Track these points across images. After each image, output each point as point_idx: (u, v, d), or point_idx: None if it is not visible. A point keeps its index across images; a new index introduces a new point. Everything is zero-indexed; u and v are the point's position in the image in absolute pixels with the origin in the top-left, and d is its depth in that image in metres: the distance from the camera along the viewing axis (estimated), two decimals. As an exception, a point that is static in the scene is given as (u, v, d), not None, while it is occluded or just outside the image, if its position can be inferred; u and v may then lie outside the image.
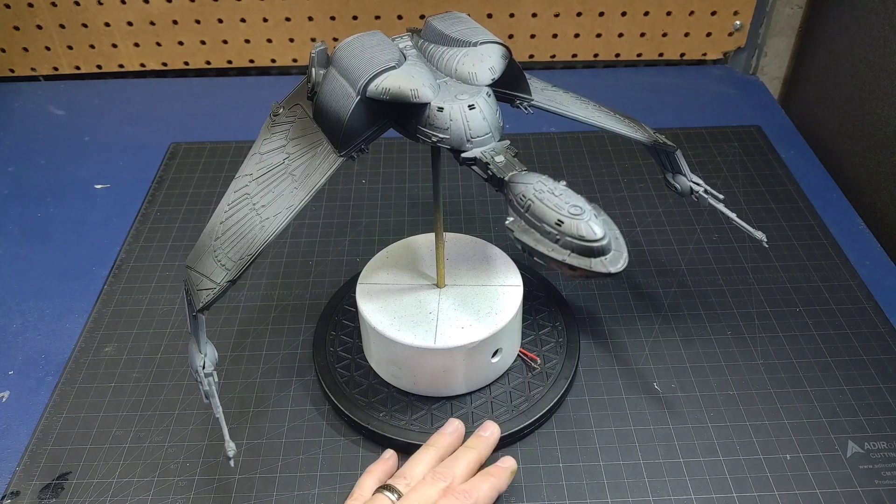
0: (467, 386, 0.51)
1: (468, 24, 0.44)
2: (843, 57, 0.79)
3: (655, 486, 0.47)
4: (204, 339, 0.43)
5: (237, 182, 0.44)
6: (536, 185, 0.36)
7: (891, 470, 0.48)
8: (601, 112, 0.50)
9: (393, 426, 0.50)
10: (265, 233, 0.41)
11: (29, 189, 0.74)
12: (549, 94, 0.47)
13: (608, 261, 0.35)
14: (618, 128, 0.48)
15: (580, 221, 0.34)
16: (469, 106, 0.39)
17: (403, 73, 0.40)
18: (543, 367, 0.53)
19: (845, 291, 0.61)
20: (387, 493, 0.43)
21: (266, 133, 0.45)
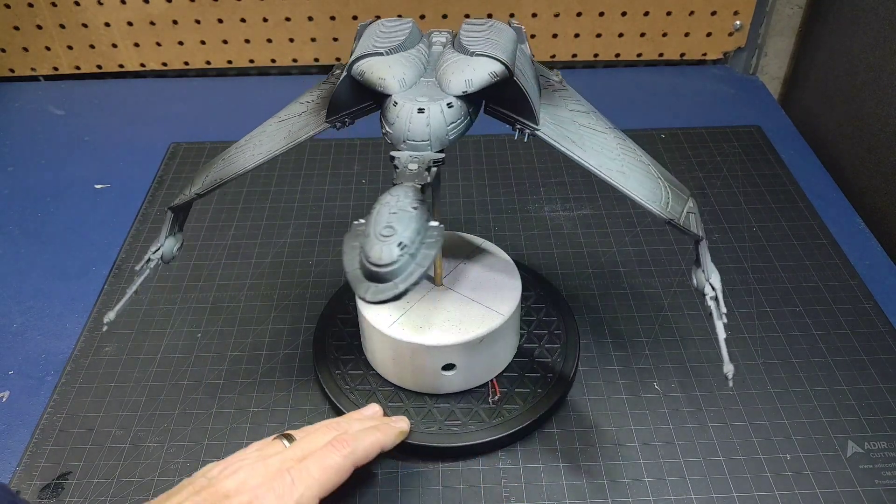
0: (416, 385, 0.51)
1: (496, 34, 0.42)
2: (843, 57, 0.79)
3: (655, 485, 0.47)
4: (165, 233, 0.49)
5: (269, 119, 0.47)
6: (391, 197, 0.36)
7: (891, 470, 0.48)
8: (629, 161, 0.43)
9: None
10: (242, 166, 0.45)
11: (29, 189, 0.74)
12: (570, 127, 0.42)
13: (375, 289, 0.33)
14: (634, 190, 0.41)
15: (378, 242, 0.33)
16: (419, 109, 0.38)
17: (384, 61, 0.40)
18: (500, 406, 0.51)
19: (845, 291, 0.61)
20: (283, 439, 0.46)
21: (313, 88, 0.48)
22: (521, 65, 0.41)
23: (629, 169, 0.42)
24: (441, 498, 0.47)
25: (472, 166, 0.75)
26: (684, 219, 0.42)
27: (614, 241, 0.66)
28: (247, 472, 0.42)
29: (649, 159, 0.44)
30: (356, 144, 0.79)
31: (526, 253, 0.65)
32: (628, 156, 0.43)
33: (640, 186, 0.41)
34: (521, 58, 0.43)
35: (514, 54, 0.41)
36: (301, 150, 0.78)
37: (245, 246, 0.67)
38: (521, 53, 0.43)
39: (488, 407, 0.51)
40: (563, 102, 0.44)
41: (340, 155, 0.78)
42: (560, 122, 0.42)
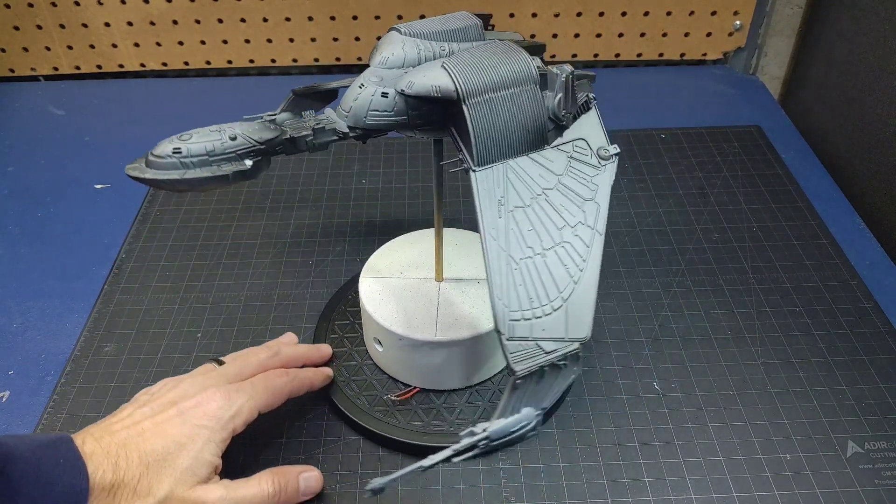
0: (464, 380, 0.52)
1: (501, 58, 0.39)
2: (843, 57, 0.79)
3: (655, 485, 0.47)
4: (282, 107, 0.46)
5: None
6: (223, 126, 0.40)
7: (891, 470, 0.48)
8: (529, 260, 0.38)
9: (393, 426, 0.50)
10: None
11: (29, 189, 0.74)
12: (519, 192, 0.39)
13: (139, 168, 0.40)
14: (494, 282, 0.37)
15: (166, 141, 0.40)
16: (360, 85, 0.41)
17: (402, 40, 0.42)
18: (393, 408, 0.51)
19: (845, 291, 0.61)
20: (213, 363, 0.49)
21: None
22: (503, 102, 0.39)
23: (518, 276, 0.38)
24: (441, 498, 0.47)
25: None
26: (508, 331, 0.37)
27: (614, 241, 0.66)
28: (188, 384, 0.45)
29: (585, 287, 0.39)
30: (356, 144, 0.79)
31: (526, 253, 0.65)
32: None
33: (501, 282, 0.37)
34: (522, 98, 0.39)
35: (494, 83, 0.38)
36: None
37: (245, 246, 0.67)
38: (528, 95, 0.39)
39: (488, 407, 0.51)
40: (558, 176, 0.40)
41: (340, 155, 0.78)
42: (514, 184, 0.40)
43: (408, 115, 0.41)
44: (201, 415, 0.43)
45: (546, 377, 0.38)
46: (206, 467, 0.43)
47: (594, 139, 0.42)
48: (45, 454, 0.37)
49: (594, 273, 0.39)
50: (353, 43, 0.89)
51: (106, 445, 0.40)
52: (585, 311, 0.38)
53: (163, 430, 0.42)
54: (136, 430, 0.42)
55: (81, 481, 0.38)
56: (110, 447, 0.40)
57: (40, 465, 0.37)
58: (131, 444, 0.41)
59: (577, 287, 0.38)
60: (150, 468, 0.41)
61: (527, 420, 0.37)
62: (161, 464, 0.41)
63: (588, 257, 0.39)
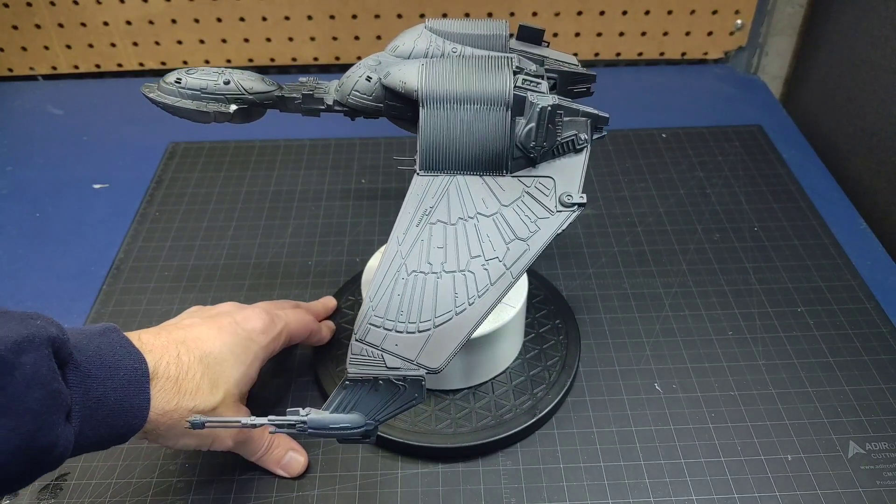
0: (462, 381, 0.51)
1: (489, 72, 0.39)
2: (845, 56, 0.79)
3: (656, 487, 0.47)
4: None
5: None
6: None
7: (892, 470, 0.48)
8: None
9: (393, 427, 0.49)
10: None
11: (27, 189, 0.74)
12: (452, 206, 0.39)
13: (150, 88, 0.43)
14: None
15: (176, 71, 0.43)
16: (355, 66, 0.43)
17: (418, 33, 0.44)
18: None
19: (847, 291, 0.60)
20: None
21: None
22: (464, 116, 0.38)
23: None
24: (441, 499, 0.47)
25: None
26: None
27: (614, 240, 0.66)
28: (230, 305, 0.47)
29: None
30: (356, 144, 0.79)
31: (526, 253, 0.65)
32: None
33: (373, 297, 0.37)
34: (486, 117, 0.38)
35: (460, 95, 0.38)
36: (301, 150, 0.78)
37: (245, 246, 0.66)
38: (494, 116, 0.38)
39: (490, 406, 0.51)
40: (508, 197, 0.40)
41: (340, 155, 0.77)
42: (450, 198, 0.39)
43: (384, 104, 0.42)
44: (251, 329, 0.45)
45: (381, 391, 0.37)
46: (249, 383, 0.44)
47: (564, 182, 0.40)
48: (102, 341, 0.38)
49: (480, 311, 0.37)
50: (352, 42, 0.89)
51: (164, 340, 0.41)
52: (449, 345, 0.37)
53: (219, 336, 0.43)
54: (193, 331, 0.43)
55: (142, 364, 0.38)
56: (168, 342, 0.41)
57: (100, 350, 0.37)
58: (191, 342, 0.42)
59: (456, 319, 0.37)
60: (209, 369, 0.41)
61: (352, 424, 0.37)
62: (218, 369, 0.42)
63: (484, 294, 0.37)
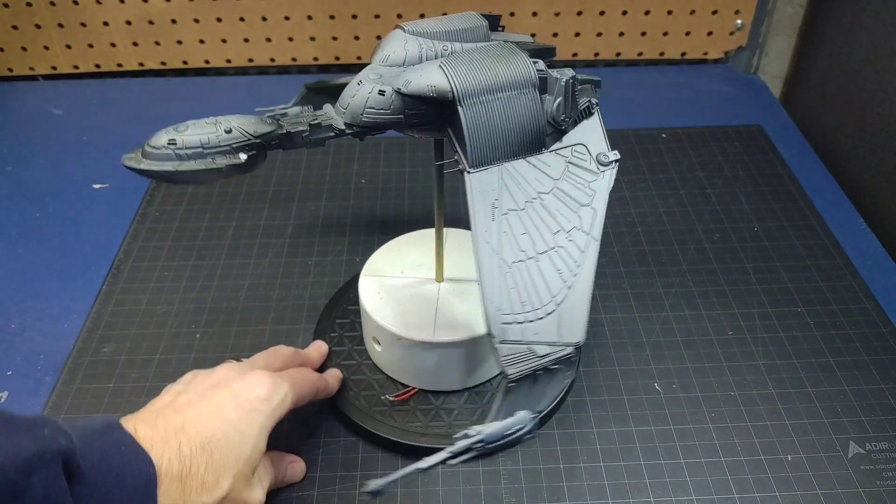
0: (463, 382, 0.51)
1: (501, 59, 0.39)
2: (845, 56, 0.79)
3: (656, 487, 0.47)
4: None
5: None
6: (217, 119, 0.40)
7: (892, 471, 0.48)
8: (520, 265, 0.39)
9: (393, 427, 0.49)
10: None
11: (27, 189, 0.74)
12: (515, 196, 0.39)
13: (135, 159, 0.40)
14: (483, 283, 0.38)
15: (162, 132, 0.40)
16: (358, 81, 0.40)
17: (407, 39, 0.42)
18: (392, 408, 0.51)
19: (847, 291, 0.60)
20: (230, 360, 0.47)
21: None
22: (500, 105, 0.38)
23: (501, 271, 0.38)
24: (441, 499, 0.47)
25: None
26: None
27: (614, 240, 0.66)
28: (225, 371, 0.43)
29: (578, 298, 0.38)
30: (356, 144, 0.79)
31: (526, 253, 0.65)
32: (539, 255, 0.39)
33: (492, 300, 0.37)
34: (520, 101, 0.39)
35: (491, 85, 0.38)
36: (300, 150, 0.78)
37: (245, 246, 0.66)
38: (525, 98, 0.39)
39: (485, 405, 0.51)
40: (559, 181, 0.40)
41: (340, 155, 0.77)
42: (509, 187, 0.39)
43: (404, 114, 0.40)
44: (254, 398, 0.41)
45: (539, 381, 0.37)
46: (259, 456, 0.41)
47: (594, 144, 0.42)
48: (104, 442, 0.34)
49: (588, 278, 0.38)
50: (352, 42, 0.89)
51: (163, 431, 0.37)
52: (579, 316, 0.38)
53: (219, 413, 0.39)
54: (191, 413, 0.39)
55: (149, 468, 0.35)
56: (168, 433, 0.37)
57: (105, 454, 0.34)
58: (190, 427, 0.38)
59: (571, 292, 0.38)
60: (213, 457, 0.38)
61: (521, 423, 0.37)
62: (223, 453, 0.38)
63: (582, 263, 0.39)
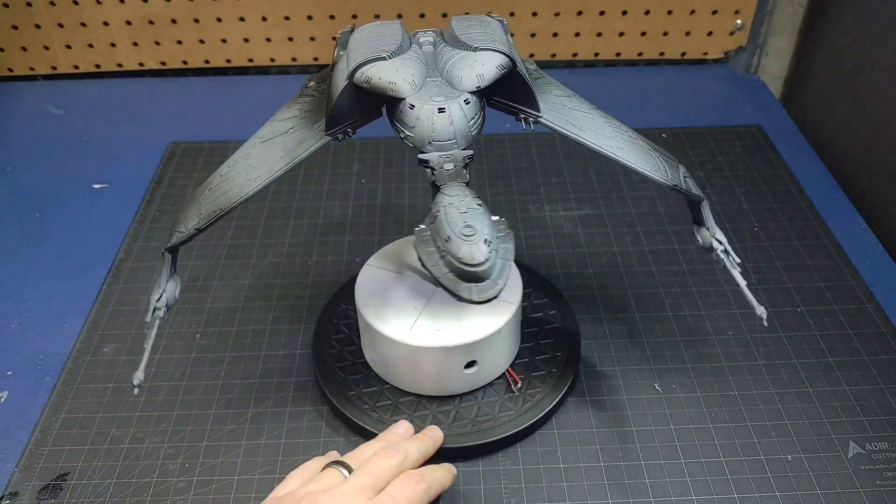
0: (437, 389, 0.51)
1: (488, 28, 0.43)
2: (845, 56, 0.79)
3: (656, 487, 0.47)
4: (166, 277, 0.45)
5: (248, 142, 0.45)
6: (451, 198, 0.36)
7: (892, 471, 0.48)
8: (622, 138, 0.44)
9: (392, 427, 0.49)
10: (241, 192, 0.42)
11: (27, 189, 0.74)
12: (563, 111, 0.43)
13: (478, 289, 0.34)
14: (636, 163, 0.43)
15: (465, 243, 0.34)
16: (439, 109, 0.38)
17: (390, 65, 0.39)
18: (524, 392, 0.51)
19: (847, 291, 0.60)
20: (338, 468, 0.42)
21: (290, 102, 0.46)
22: (516, 56, 0.41)
23: (625, 144, 0.43)
24: (441, 499, 0.47)
25: (472, 166, 0.75)
26: (684, 183, 0.44)
27: (614, 241, 0.66)
28: (327, 501, 0.39)
29: (635, 133, 0.45)
30: (356, 144, 0.79)
31: (526, 253, 0.65)
32: (619, 132, 0.44)
33: (640, 160, 0.43)
34: (513, 50, 0.42)
35: (510, 46, 0.41)
36: (300, 150, 0.78)
37: (245, 246, 0.66)
38: (511, 45, 0.43)
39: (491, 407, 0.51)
40: (548, 88, 0.45)
41: (340, 155, 0.77)
42: (554, 108, 0.43)
43: (483, 107, 0.41)
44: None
45: None
46: None
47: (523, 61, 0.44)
48: None
49: None
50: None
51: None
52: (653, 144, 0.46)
53: None
54: None
55: None
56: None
57: None
58: None
59: (636, 134, 0.45)
60: None
61: None
62: None
63: (615, 122, 0.45)
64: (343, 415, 0.51)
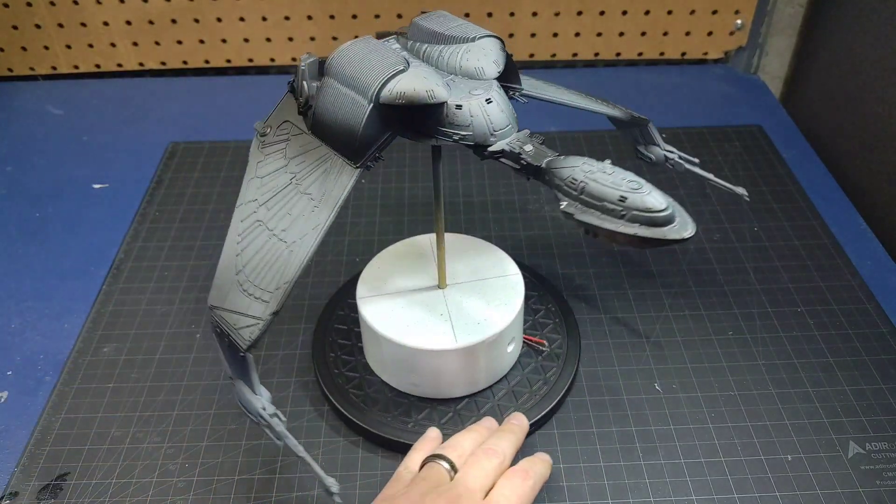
0: (436, 392, 0.51)
1: (456, 21, 0.44)
2: (845, 56, 0.79)
3: (656, 487, 0.47)
4: (257, 380, 0.40)
5: (241, 210, 0.41)
6: (583, 166, 0.36)
7: (892, 471, 0.48)
8: (582, 97, 0.51)
9: (393, 427, 0.49)
10: (297, 257, 0.39)
11: (27, 189, 0.74)
12: (533, 83, 0.47)
13: (677, 227, 0.35)
14: (597, 107, 0.50)
15: (643, 195, 0.35)
16: (487, 100, 0.39)
17: (414, 75, 0.39)
18: (553, 349, 0.54)
19: (847, 291, 0.60)
20: (441, 462, 0.42)
21: (258, 155, 0.43)
22: None
23: (587, 102, 0.50)
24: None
25: (472, 166, 0.75)
26: (637, 115, 0.52)
27: (615, 240, 0.66)
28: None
29: (597, 99, 0.52)
30: (356, 144, 0.78)
31: (526, 253, 0.65)
32: (584, 97, 0.51)
33: (600, 106, 0.51)
34: None
35: None
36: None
37: (244, 246, 0.66)
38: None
39: (491, 410, 0.51)
40: (526, 77, 0.48)
41: (340, 154, 0.77)
42: (530, 84, 0.47)
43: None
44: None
45: None
46: None
47: None
48: None
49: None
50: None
51: None
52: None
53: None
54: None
55: None
56: None
57: None
58: None
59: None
60: None
61: None
62: None
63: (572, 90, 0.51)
64: (343, 415, 0.51)
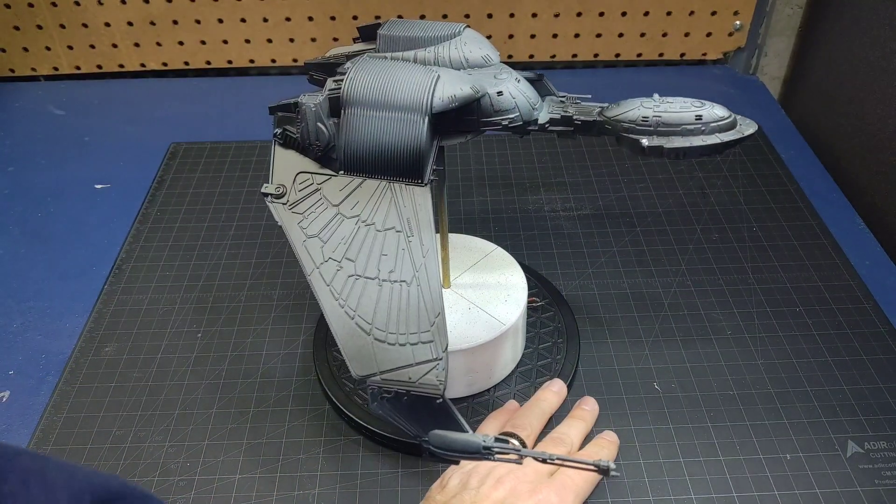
0: (488, 381, 0.52)
1: (419, 22, 0.46)
2: (843, 57, 0.79)
3: (655, 485, 0.47)
4: (461, 418, 0.37)
5: (319, 275, 0.39)
6: (644, 103, 0.42)
7: (891, 470, 0.48)
8: None
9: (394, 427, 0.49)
10: (431, 287, 0.38)
11: (29, 189, 0.74)
12: None
13: (746, 125, 0.43)
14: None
15: (711, 108, 0.42)
16: (517, 80, 0.42)
17: (449, 78, 0.40)
18: (544, 304, 0.56)
19: (845, 291, 0.61)
20: (513, 441, 0.46)
21: (292, 217, 0.41)
22: None
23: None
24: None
25: (472, 166, 0.75)
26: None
27: (614, 241, 0.66)
28: (513, 481, 0.42)
29: None
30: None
31: (526, 253, 0.65)
32: None
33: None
34: None
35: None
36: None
37: (245, 246, 0.67)
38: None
39: (491, 407, 0.51)
40: None
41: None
42: None
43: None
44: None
45: None
46: None
47: None
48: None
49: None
50: (352, 43, 0.89)
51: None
52: None
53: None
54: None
55: None
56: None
57: None
58: None
59: None
60: None
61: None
62: None
63: None
64: (344, 413, 0.51)
